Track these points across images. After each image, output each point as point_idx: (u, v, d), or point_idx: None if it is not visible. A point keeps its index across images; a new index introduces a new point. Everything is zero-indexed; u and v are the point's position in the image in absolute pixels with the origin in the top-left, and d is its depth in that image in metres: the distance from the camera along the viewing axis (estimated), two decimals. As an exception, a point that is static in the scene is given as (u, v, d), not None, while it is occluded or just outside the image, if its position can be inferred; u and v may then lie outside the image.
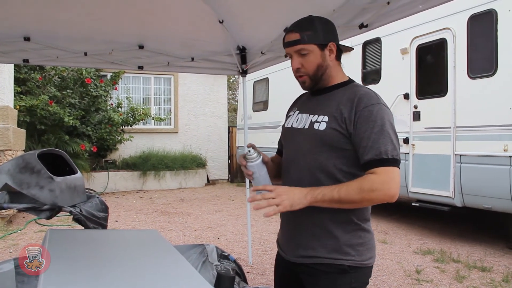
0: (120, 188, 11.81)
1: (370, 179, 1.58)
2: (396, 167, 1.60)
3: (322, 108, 1.77)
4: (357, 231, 1.72)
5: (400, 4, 2.77)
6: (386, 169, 1.59)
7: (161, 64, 4.83)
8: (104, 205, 3.67)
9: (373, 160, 1.60)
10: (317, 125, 1.74)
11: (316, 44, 1.73)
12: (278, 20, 3.72)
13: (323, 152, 1.71)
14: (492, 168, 5.44)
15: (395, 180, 1.59)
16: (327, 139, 1.70)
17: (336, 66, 1.82)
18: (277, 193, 1.57)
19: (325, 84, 1.82)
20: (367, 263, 1.73)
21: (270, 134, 10.69)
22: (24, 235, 6.58)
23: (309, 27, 1.74)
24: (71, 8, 3.61)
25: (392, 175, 1.58)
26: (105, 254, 1.75)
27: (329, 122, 1.71)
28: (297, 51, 1.75)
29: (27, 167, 3.21)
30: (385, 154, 1.59)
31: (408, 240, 6.28)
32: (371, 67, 7.54)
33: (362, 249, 1.72)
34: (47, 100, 9.58)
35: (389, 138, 1.61)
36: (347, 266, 1.69)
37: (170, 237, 6.44)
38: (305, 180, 1.73)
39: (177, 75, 13.54)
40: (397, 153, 1.62)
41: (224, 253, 1.94)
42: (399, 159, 1.63)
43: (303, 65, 1.76)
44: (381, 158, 1.59)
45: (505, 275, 4.73)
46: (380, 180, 1.57)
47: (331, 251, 1.70)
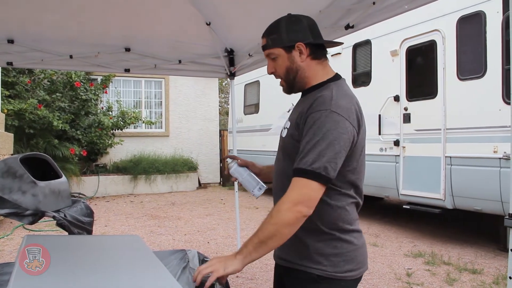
0: (111, 192, 11.72)
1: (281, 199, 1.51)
2: (314, 181, 1.47)
3: (293, 113, 1.74)
4: (331, 240, 1.62)
5: (386, 5, 2.75)
6: (298, 180, 1.49)
7: (148, 66, 4.78)
8: (89, 210, 3.62)
9: (294, 169, 1.52)
10: (284, 131, 1.73)
11: (281, 47, 1.68)
12: (265, 21, 3.63)
13: (284, 160, 1.71)
14: (482, 170, 5.44)
15: (304, 193, 1.48)
16: (286, 146, 1.69)
17: (312, 66, 1.70)
18: (210, 263, 1.53)
19: (302, 86, 1.74)
20: (342, 276, 1.61)
21: (261, 137, 10.68)
22: (11, 240, 6.49)
23: (274, 30, 1.70)
24: (56, 10, 3.56)
25: (302, 188, 1.48)
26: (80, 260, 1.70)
27: (289, 129, 1.68)
28: (267, 55, 1.73)
29: (9, 172, 3.15)
30: (304, 164, 1.49)
31: (399, 243, 6.26)
32: (361, 69, 7.54)
33: (336, 260, 1.60)
34: (36, 103, 9.49)
35: (318, 148, 1.48)
36: (316, 276, 1.60)
37: (159, 241, 6.38)
38: (277, 187, 1.74)
39: (168, 78, 13.48)
40: (323, 168, 1.47)
41: (206, 258, 1.90)
42: (323, 174, 1.47)
43: (275, 69, 1.73)
44: (297, 168, 1.51)
45: (495, 277, 4.72)
46: (285, 196, 1.49)
47: (302, 258, 1.64)
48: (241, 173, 1.95)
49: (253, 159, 2.10)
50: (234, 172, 1.96)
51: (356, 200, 1.68)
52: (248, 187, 1.91)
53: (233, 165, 1.97)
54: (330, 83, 1.67)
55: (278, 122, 9.54)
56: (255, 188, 1.89)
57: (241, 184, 1.96)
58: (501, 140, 5.20)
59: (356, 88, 7.32)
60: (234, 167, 1.96)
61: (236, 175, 1.96)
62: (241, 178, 1.94)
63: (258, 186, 1.89)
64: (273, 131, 9.86)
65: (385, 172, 6.81)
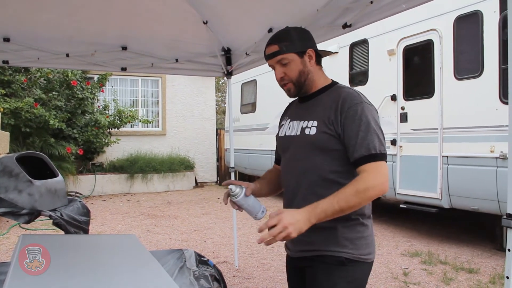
0: (107, 191, 11.69)
1: (363, 179, 1.64)
2: (384, 161, 1.69)
3: (311, 113, 1.85)
4: (355, 225, 1.78)
5: (383, 4, 2.74)
6: (375, 164, 1.66)
7: (145, 65, 4.77)
8: (85, 209, 3.61)
9: (362, 157, 1.67)
10: (308, 130, 1.81)
11: (295, 53, 1.83)
12: (263, 20, 3.69)
13: (316, 156, 1.79)
14: (479, 169, 5.44)
15: (385, 174, 1.67)
16: (318, 143, 1.78)
17: (317, 70, 1.90)
18: (283, 226, 1.55)
19: (309, 89, 1.90)
20: (365, 258, 1.78)
21: (258, 136, 10.66)
22: (7, 239, 6.46)
23: (286, 37, 1.85)
24: (52, 9, 3.54)
25: (382, 169, 1.67)
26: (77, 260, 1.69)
27: (318, 126, 1.78)
28: (278, 61, 1.85)
29: (5, 171, 3.13)
30: (373, 150, 1.67)
31: (395, 242, 6.26)
32: (358, 68, 7.54)
33: (360, 243, 1.77)
34: (32, 102, 9.44)
35: (375, 134, 1.69)
36: (344, 259, 1.74)
37: (156, 240, 6.36)
38: (302, 186, 1.82)
39: (164, 77, 13.46)
40: (384, 148, 1.71)
41: (203, 258, 1.89)
42: (386, 153, 1.72)
43: (286, 73, 1.86)
44: (369, 154, 1.67)
45: (492, 276, 4.72)
46: (372, 177, 1.64)
47: (329, 243, 1.76)
48: (247, 200, 1.83)
49: (249, 158, 2.11)
50: (239, 201, 1.82)
51: None
52: (252, 212, 1.84)
53: (241, 193, 1.82)
54: (338, 84, 1.92)
55: (275, 121, 9.45)
56: (259, 212, 1.84)
57: (242, 211, 1.87)
58: (498, 139, 5.20)
59: (353, 87, 7.30)
60: (241, 196, 1.82)
61: (241, 203, 1.83)
62: (246, 205, 1.83)
63: (261, 210, 1.84)
64: (270, 130, 9.84)
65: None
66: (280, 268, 5.02)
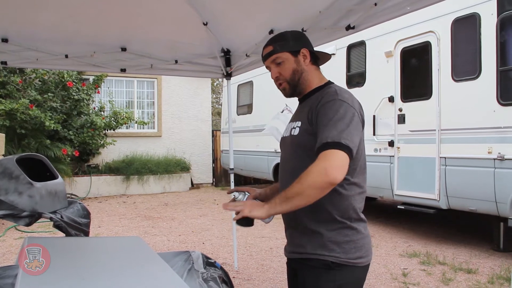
0: (103, 192, 11.64)
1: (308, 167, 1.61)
2: (337, 150, 1.59)
3: (300, 114, 1.90)
4: (343, 229, 1.76)
5: (388, 6, 2.74)
6: (324, 152, 1.60)
7: (144, 66, 4.75)
8: (86, 211, 3.59)
9: (317, 149, 1.64)
10: (294, 131, 1.86)
11: (288, 52, 1.88)
12: (263, 22, 3.68)
13: (300, 155, 1.80)
14: (477, 170, 5.46)
15: (332, 160, 1.58)
16: (301, 142, 1.80)
17: (313, 70, 1.92)
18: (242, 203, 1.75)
19: (304, 88, 1.92)
20: (354, 262, 1.75)
21: (255, 137, 10.65)
22: (3, 242, 6.41)
23: (280, 38, 1.92)
24: (52, 10, 3.52)
25: (330, 156, 1.59)
26: (85, 263, 1.68)
27: (301, 127, 1.82)
28: (273, 61, 1.90)
29: (5, 173, 3.11)
30: (325, 140, 1.61)
31: (394, 243, 6.27)
32: (355, 70, 7.54)
33: (348, 247, 1.75)
34: (27, 103, 9.39)
35: (335, 126, 1.64)
36: (331, 262, 1.73)
37: (154, 242, 6.34)
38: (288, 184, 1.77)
39: (160, 78, 13.41)
40: (341, 137, 1.61)
41: (210, 260, 1.88)
42: (346, 144, 1.60)
43: (280, 73, 1.90)
44: (321, 144, 1.62)
45: (490, 276, 4.74)
46: (315, 164, 1.60)
47: (316, 247, 1.76)
48: None
49: (246, 159, 2.12)
50: None
51: (363, 189, 1.83)
52: None
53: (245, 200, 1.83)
54: (331, 84, 1.90)
55: (272, 123, 9.55)
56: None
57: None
58: (496, 141, 5.23)
59: (350, 89, 7.30)
60: None
61: None
62: None
63: None
64: (266, 131, 9.86)
65: (379, 172, 6.82)
66: (280, 269, 5.01)
